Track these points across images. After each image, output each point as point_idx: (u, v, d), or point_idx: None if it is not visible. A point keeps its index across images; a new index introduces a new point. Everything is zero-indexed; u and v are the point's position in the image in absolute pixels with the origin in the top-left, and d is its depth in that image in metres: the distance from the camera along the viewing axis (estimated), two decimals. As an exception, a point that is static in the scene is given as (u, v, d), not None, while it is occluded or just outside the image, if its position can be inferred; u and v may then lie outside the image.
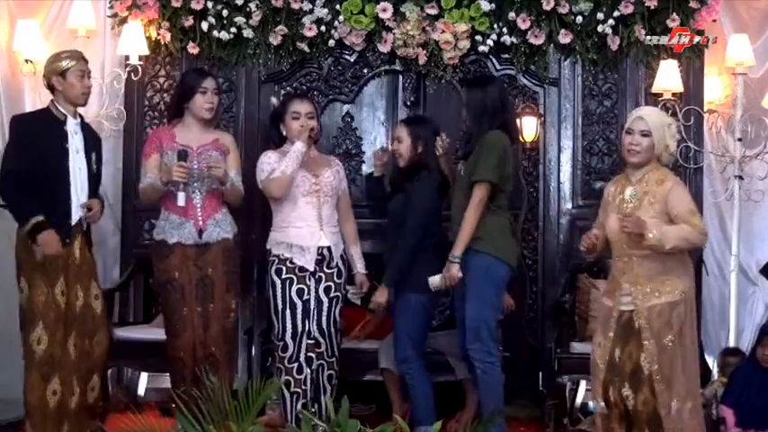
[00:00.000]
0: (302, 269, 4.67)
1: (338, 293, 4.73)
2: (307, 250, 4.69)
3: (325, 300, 4.69)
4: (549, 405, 5.23)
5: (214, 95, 4.78)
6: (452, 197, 4.72)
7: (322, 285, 4.70)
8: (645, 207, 4.08)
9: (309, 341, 4.65)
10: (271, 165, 4.69)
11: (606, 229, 4.22)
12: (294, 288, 4.67)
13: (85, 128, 4.58)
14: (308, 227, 4.70)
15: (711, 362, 5.38)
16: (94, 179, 4.57)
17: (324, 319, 4.67)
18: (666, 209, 4.06)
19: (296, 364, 4.65)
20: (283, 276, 4.69)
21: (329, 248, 4.72)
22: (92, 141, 4.58)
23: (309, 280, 4.69)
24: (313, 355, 4.65)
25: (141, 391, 5.60)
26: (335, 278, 4.73)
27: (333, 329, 4.69)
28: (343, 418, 3.49)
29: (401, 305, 4.77)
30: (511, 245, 4.59)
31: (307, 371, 4.64)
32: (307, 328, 4.65)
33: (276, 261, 4.71)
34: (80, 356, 4.45)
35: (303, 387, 4.64)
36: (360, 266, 4.89)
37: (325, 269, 4.71)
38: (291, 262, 4.68)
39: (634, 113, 4.23)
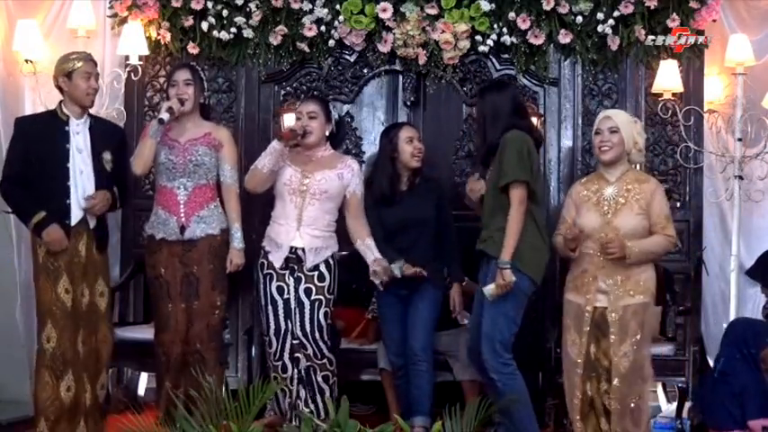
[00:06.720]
0: (275, 266, 4.68)
1: (320, 297, 4.67)
2: (279, 247, 4.69)
3: (306, 302, 4.66)
4: (549, 405, 5.23)
5: (186, 86, 4.71)
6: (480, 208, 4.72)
7: (302, 286, 4.67)
8: (630, 203, 4.30)
9: (294, 341, 4.65)
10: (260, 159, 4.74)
11: (581, 226, 4.38)
12: (274, 285, 4.69)
13: (97, 127, 4.55)
14: (287, 225, 4.70)
15: (712, 363, 5.37)
16: (109, 178, 4.54)
17: (306, 321, 4.65)
18: (649, 209, 4.28)
19: (280, 363, 4.67)
20: (264, 272, 4.72)
21: (303, 250, 4.66)
22: (104, 140, 4.55)
23: (288, 278, 4.68)
24: (300, 356, 4.64)
25: (141, 391, 5.61)
26: (316, 281, 4.68)
27: (318, 333, 4.65)
28: (342, 418, 3.50)
29: (431, 299, 4.89)
30: (539, 259, 4.54)
31: (293, 371, 4.64)
32: (290, 327, 4.65)
33: (262, 253, 4.75)
34: (89, 354, 4.48)
35: (290, 386, 4.64)
36: (376, 253, 4.70)
37: (305, 270, 4.67)
38: (267, 257, 4.72)
39: (600, 115, 4.46)
